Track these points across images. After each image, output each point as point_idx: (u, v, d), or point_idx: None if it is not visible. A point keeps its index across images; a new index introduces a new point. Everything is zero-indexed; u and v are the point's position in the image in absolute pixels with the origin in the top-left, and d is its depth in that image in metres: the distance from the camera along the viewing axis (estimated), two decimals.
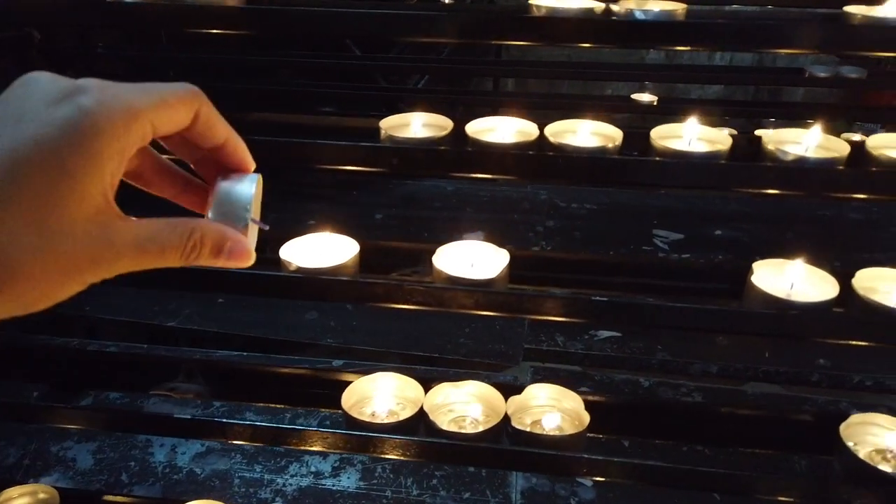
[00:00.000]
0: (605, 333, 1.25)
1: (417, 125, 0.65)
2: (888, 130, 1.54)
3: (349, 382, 0.63)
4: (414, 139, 0.61)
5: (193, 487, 0.98)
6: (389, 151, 0.59)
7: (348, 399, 0.59)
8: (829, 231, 1.46)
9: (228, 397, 0.93)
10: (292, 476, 1.00)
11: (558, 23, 0.58)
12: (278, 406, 0.99)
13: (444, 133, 0.62)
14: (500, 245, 0.62)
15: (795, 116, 1.51)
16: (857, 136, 1.33)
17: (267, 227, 0.45)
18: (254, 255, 0.41)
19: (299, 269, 0.57)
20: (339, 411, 0.59)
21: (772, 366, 1.13)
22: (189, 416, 0.59)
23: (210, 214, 0.41)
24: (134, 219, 0.35)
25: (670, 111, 1.52)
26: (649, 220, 1.54)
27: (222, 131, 0.39)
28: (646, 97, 1.47)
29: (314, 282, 0.57)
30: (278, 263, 0.60)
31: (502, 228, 1.56)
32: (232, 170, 0.42)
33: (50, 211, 0.31)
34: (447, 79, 2.16)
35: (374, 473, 1.00)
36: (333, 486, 0.98)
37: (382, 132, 0.62)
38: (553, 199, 1.67)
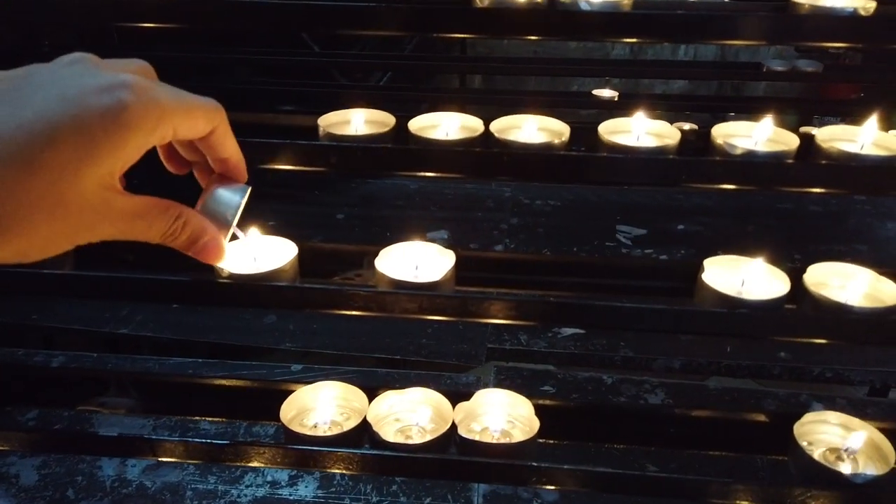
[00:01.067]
0: (568, 331, 1.23)
1: (359, 122, 0.62)
2: (847, 123, 1.54)
3: (292, 392, 0.60)
4: (353, 136, 0.59)
5: (143, 501, 0.95)
6: (326, 149, 0.56)
7: (288, 411, 0.56)
8: (790, 224, 1.47)
9: (165, 411, 0.90)
10: (247, 486, 0.97)
11: (501, 14, 0.56)
12: (216, 420, 0.96)
13: (385, 130, 0.59)
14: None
15: (755, 110, 1.51)
16: (815, 131, 1.34)
17: (245, 237, 0.51)
18: (225, 256, 0.47)
19: (232, 276, 0.54)
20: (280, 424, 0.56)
21: (734, 360, 1.12)
22: (115, 434, 0.56)
23: (198, 209, 0.45)
24: (132, 195, 0.40)
25: (631, 106, 1.51)
26: (613, 215, 1.53)
27: (231, 148, 0.45)
28: (606, 93, 1.46)
29: (249, 289, 0.55)
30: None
31: (466, 226, 1.54)
32: (227, 177, 0.47)
33: (70, 182, 0.35)
34: (410, 76, 2.14)
35: (332, 481, 0.97)
36: (290, 495, 0.95)
37: (321, 129, 0.59)
38: (517, 197, 1.65)
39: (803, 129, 1.31)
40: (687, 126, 1.30)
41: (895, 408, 1.05)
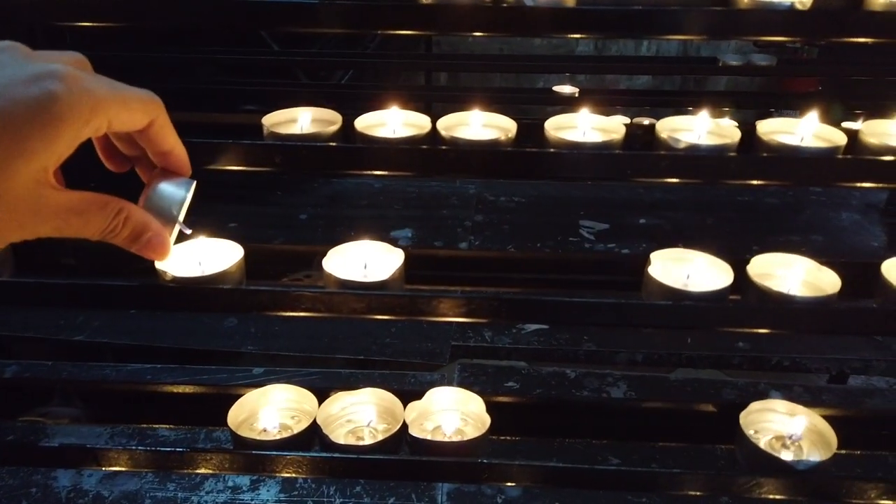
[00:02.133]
0: (532, 327, 1.24)
1: (306, 121, 0.61)
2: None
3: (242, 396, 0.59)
4: (298, 135, 0.58)
5: None
6: (270, 149, 0.55)
7: (236, 416, 0.55)
8: (748, 216, 1.49)
9: (110, 420, 0.88)
10: (208, 493, 0.96)
11: (444, 10, 0.56)
12: (174, 427, 0.94)
13: (331, 129, 0.59)
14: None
15: (713, 104, 1.53)
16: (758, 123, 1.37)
17: (189, 232, 0.49)
18: (170, 252, 0.45)
19: (175, 280, 0.53)
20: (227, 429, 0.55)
21: (694, 351, 1.14)
22: (56, 444, 0.55)
23: (141, 205, 0.44)
24: (67, 191, 0.38)
25: (590, 102, 1.52)
26: (576, 211, 1.54)
27: (171, 140, 0.44)
28: (567, 89, 1.47)
29: (193, 292, 0.54)
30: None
31: (431, 224, 1.53)
32: (170, 171, 0.45)
33: (0, 179, 0.33)
34: (375, 74, 2.12)
35: (294, 485, 0.96)
36: (252, 500, 0.94)
37: (265, 129, 0.58)
38: (482, 194, 1.66)
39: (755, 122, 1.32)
40: (647, 121, 1.32)
41: (849, 395, 1.08)
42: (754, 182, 0.57)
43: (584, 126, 0.61)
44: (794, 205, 1.50)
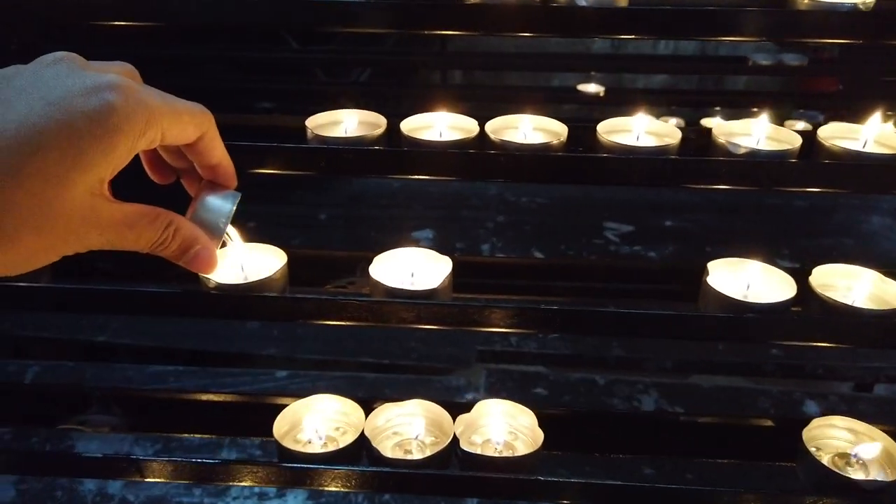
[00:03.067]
0: None
1: (350, 123, 0.60)
2: (829, 117, 1.54)
3: (283, 405, 0.57)
4: (344, 139, 0.56)
5: None
6: (317, 153, 0.54)
7: (281, 426, 0.54)
8: (777, 219, 1.47)
9: (148, 428, 0.86)
10: (234, 499, 0.94)
11: (493, 11, 0.54)
12: (205, 436, 0.93)
13: (376, 132, 0.57)
14: (451, 242, 0.58)
15: (739, 105, 1.51)
16: (800, 124, 1.34)
17: (235, 242, 0.49)
18: (216, 266, 0.45)
19: (219, 287, 0.51)
20: (272, 439, 0.53)
21: (726, 358, 1.12)
22: (100, 455, 0.53)
23: (189, 218, 0.44)
24: (120, 203, 0.38)
25: (618, 102, 1.50)
26: (599, 212, 1.52)
27: (219, 153, 0.43)
28: (592, 87, 1.45)
29: (237, 300, 0.52)
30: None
31: (452, 225, 1.52)
32: (216, 184, 0.45)
33: (58, 191, 0.33)
34: (391, 72, 2.11)
35: (321, 493, 0.95)
36: None
37: (309, 132, 0.56)
38: (503, 194, 1.64)
39: (787, 122, 1.30)
40: (673, 121, 1.29)
41: (884, 404, 1.05)
42: (815, 189, 0.55)
43: (639, 129, 0.59)
44: (824, 208, 1.48)
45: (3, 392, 0.99)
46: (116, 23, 0.57)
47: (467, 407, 0.55)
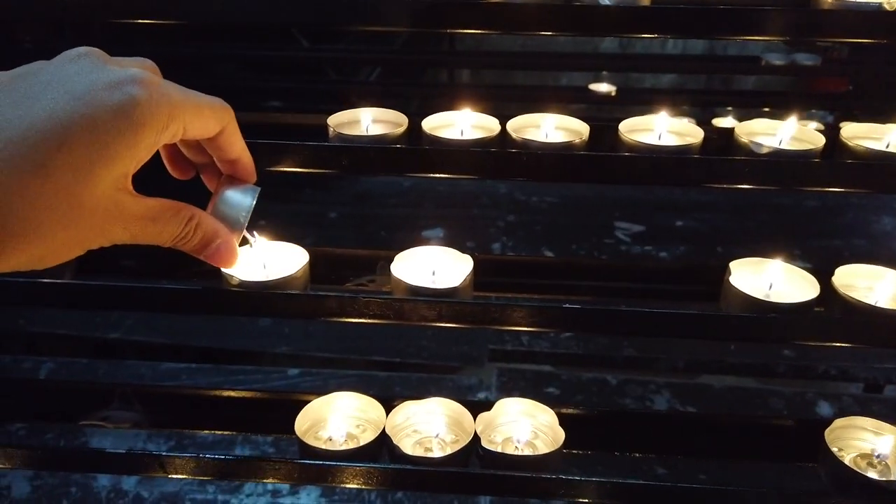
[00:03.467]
0: None
1: (369, 121, 0.60)
2: (839, 117, 1.53)
3: (305, 401, 0.58)
4: (366, 137, 0.56)
5: None
6: (338, 151, 0.54)
7: (302, 424, 0.54)
8: (788, 219, 1.46)
9: (169, 424, 0.87)
10: (248, 496, 0.95)
11: (515, 10, 0.54)
12: (225, 433, 0.93)
13: (398, 130, 0.57)
14: (462, 241, 0.58)
15: (749, 104, 1.50)
16: (811, 125, 1.34)
17: (255, 241, 0.50)
18: (237, 260, 0.45)
19: (242, 284, 0.51)
20: (293, 436, 0.54)
21: (738, 358, 1.12)
22: (124, 451, 0.53)
23: (209, 212, 0.44)
24: (143, 197, 0.38)
25: (629, 101, 1.50)
26: (610, 211, 1.52)
27: (239, 148, 0.43)
28: (603, 87, 1.44)
29: (259, 297, 0.52)
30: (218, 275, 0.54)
31: (462, 225, 1.52)
32: (236, 178, 0.45)
33: (84, 185, 0.33)
34: (401, 70, 2.11)
35: (335, 490, 0.95)
36: None
37: (331, 130, 0.56)
38: (513, 193, 1.64)
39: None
40: (683, 120, 1.29)
41: None
42: (838, 189, 0.55)
43: (661, 128, 0.59)
44: (835, 208, 1.47)
45: (19, 389, 0.99)
46: (133, 21, 0.57)
47: (481, 405, 0.55)
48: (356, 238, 1.46)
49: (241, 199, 0.45)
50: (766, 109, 1.35)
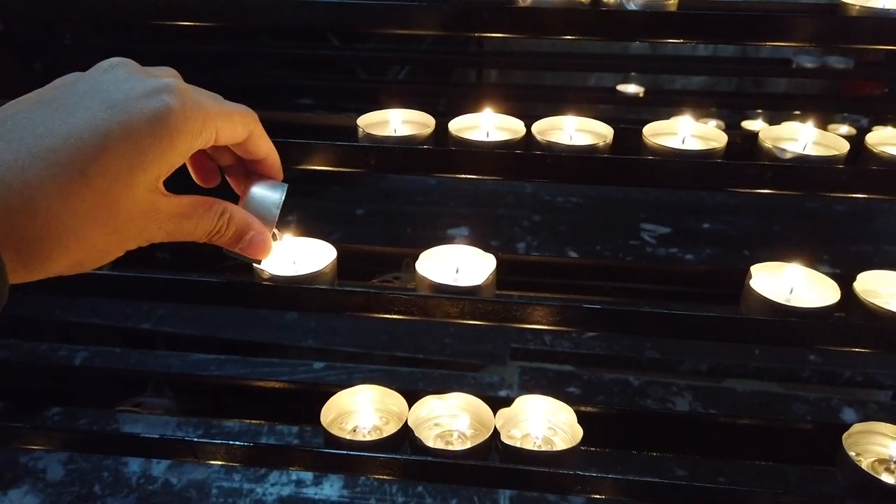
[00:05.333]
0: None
1: (397, 122, 0.61)
2: (873, 121, 1.51)
3: (329, 393, 0.59)
4: (393, 137, 0.58)
5: (169, 498, 0.95)
6: (367, 151, 0.55)
7: (327, 414, 0.56)
8: (816, 223, 1.45)
9: (200, 412, 0.89)
10: (272, 485, 0.97)
11: (545, 14, 0.55)
12: (253, 422, 0.96)
13: (425, 131, 0.58)
14: (486, 240, 0.59)
15: (781, 108, 1.49)
16: (843, 128, 1.32)
17: (282, 238, 0.51)
18: (271, 251, 0.46)
19: (273, 278, 0.53)
20: (318, 427, 0.55)
21: (762, 362, 1.11)
22: (157, 436, 0.56)
23: (241, 207, 0.45)
24: (176, 196, 0.39)
25: (657, 102, 1.50)
26: (636, 213, 1.52)
27: (265, 148, 0.45)
28: (631, 88, 1.44)
29: (289, 291, 0.54)
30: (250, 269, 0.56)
31: (487, 224, 1.53)
32: (264, 176, 0.47)
33: (122, 190, 0.35)
34: (429, 70, 2.12)
35: (357, 481, 0.97)
36: (316, 494, 0.95)
37: (360, 130, 0.58)
38: (538, 193, 1.64)
39: (831, 127, 1.28)
40: (712, 123, 1.29)
41: None
42: (862, 196, 0.55)
43: (684, 132, 0.59)
44: (864, 213, 1.45)
45: (55, 375, 1.03)
46: (172, 22, 0.59)
47: (502, 402, 0.57)
48: (382, 235, 1.48)
49: (270, 195, 0.47)
50: (797, 112, 1.33)
